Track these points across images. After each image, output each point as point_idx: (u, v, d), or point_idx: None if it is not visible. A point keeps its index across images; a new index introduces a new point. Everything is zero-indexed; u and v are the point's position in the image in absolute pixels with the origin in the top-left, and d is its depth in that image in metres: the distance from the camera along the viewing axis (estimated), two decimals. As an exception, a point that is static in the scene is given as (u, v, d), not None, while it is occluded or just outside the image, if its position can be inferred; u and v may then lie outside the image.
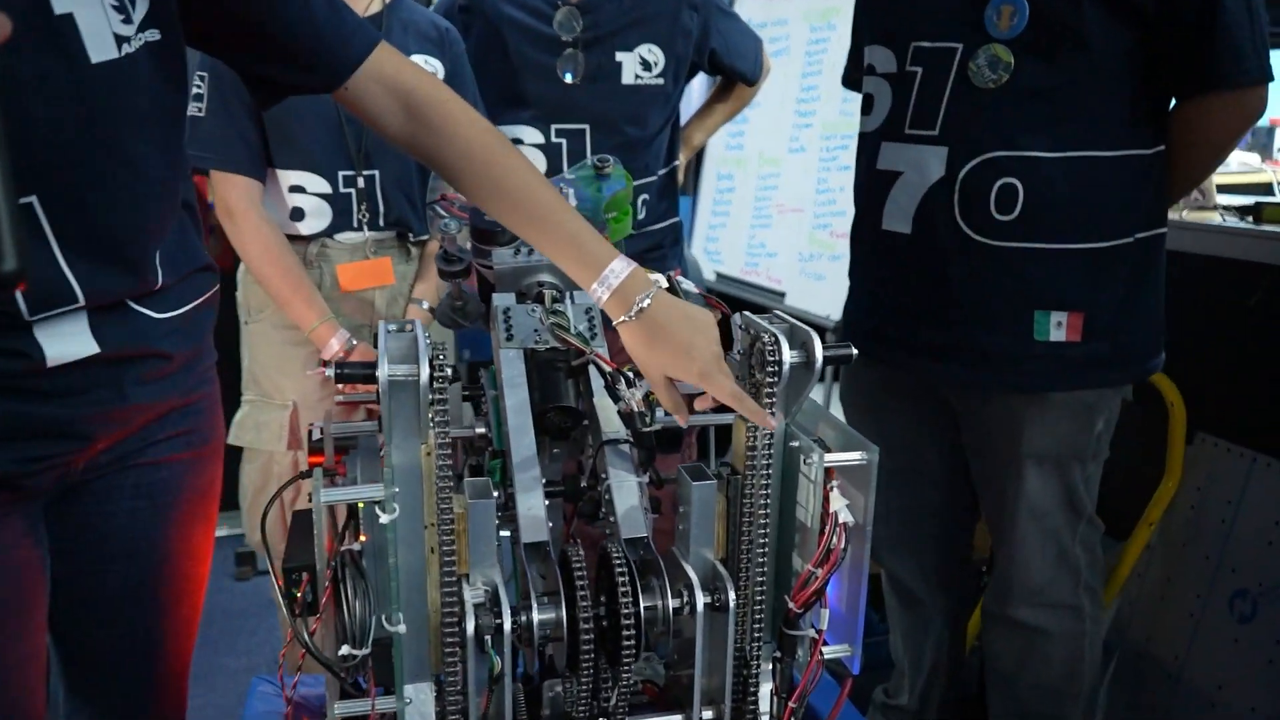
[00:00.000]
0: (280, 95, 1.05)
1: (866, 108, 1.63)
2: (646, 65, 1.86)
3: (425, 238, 1.87)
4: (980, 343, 1.53)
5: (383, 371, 0.90)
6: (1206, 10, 1.38)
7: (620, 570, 1.00)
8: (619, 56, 1.84)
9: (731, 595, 1.04)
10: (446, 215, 1.31)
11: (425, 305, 1.84)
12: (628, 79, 1.86)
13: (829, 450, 1.03)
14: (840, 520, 1.01)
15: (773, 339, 1.00)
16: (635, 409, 1.12)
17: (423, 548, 1.00)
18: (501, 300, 1.26)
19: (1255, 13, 1.41)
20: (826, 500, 1.02)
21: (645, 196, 1.92)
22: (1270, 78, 1.44)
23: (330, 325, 1.74)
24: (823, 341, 1.01)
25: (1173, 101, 1.49)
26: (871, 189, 1.61)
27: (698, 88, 2.62)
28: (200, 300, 1.10)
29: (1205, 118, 1.46)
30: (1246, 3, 1.40)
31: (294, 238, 1.78)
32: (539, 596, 1.01)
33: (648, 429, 1.11)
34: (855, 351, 1.03)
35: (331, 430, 1.09)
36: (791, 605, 1.03)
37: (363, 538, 0.95)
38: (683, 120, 2.13)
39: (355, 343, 1.75)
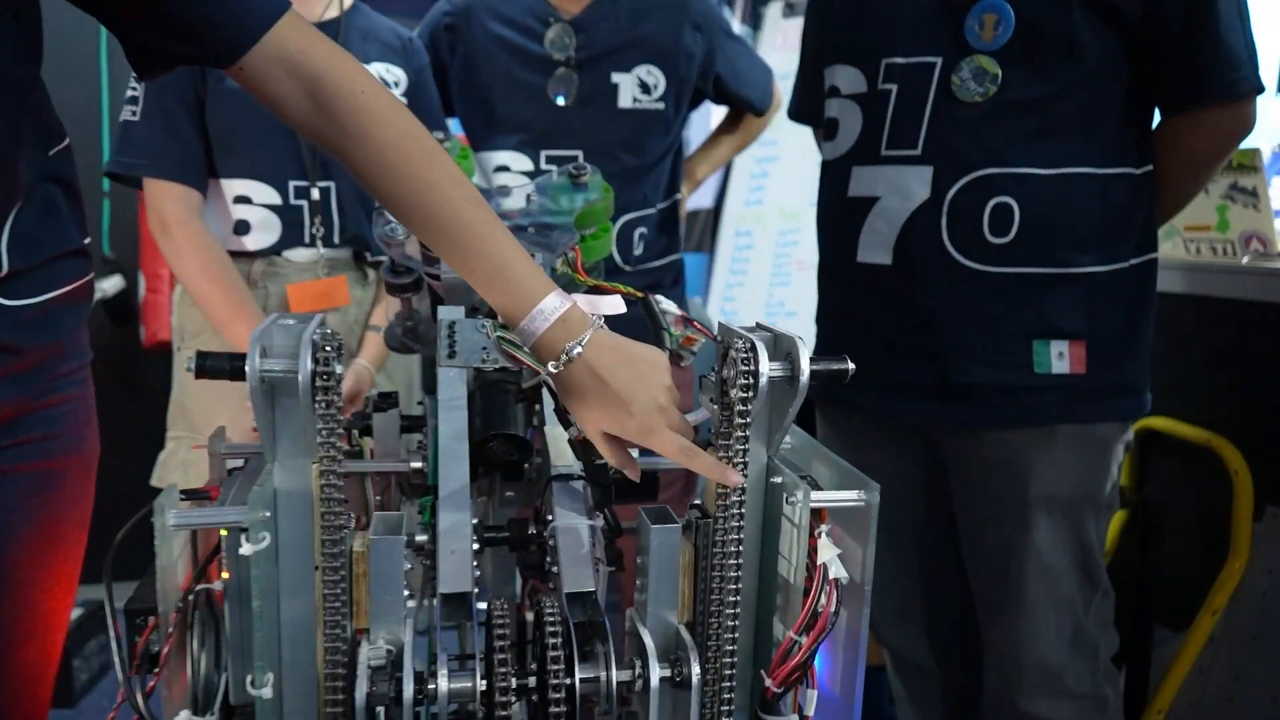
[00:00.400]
0: (165, 66, 0.90)
1: (830, 133, 1.51)
2: (645, 88, 1.72)
3: (384, 259, 1.71)
4: (975, 378, 1.39)
5: (252, 365, 0.73)
6: (1196, 18, 1.29)
7: (553, 631, 0.81)
8: (615, 78, 1.71)
9: (696, 668, 0.83)
10: (393, 220, 1.15)
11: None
12: (625, 102, 1.71)
13: (818, 488, 0.83)
14: (830, 575, 0.81)
15: (747, 347, 0.81)
16: (586, 437, 0.93)
17: (314, 594, 0.81)
18: (448, 314, 1.09)
19: (1246, 20, 1.32)
20: (813, 550, 0.82)
21: (643, 230, 1.76)
22: (1262, 89, 1.34)
23: None
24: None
25: (1156, 120, 1.41)
26: (842, 219, 1.48)
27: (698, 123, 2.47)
28: (64, 289, 0.94)
29: (1194, 133, 1.37)
30: (1238, 10, 1.31)
31: (238, 254, 1.62)
32: (452, 660, 0.82)
33: (602, 462, 0.93)
34: (852, 366, 0.84)
35: (221, 448, 0.91)
36: (769, 683, 0.83)
37: (224, 575, 0.76)
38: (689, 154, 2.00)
39: None
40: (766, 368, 0.81)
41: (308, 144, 1.59)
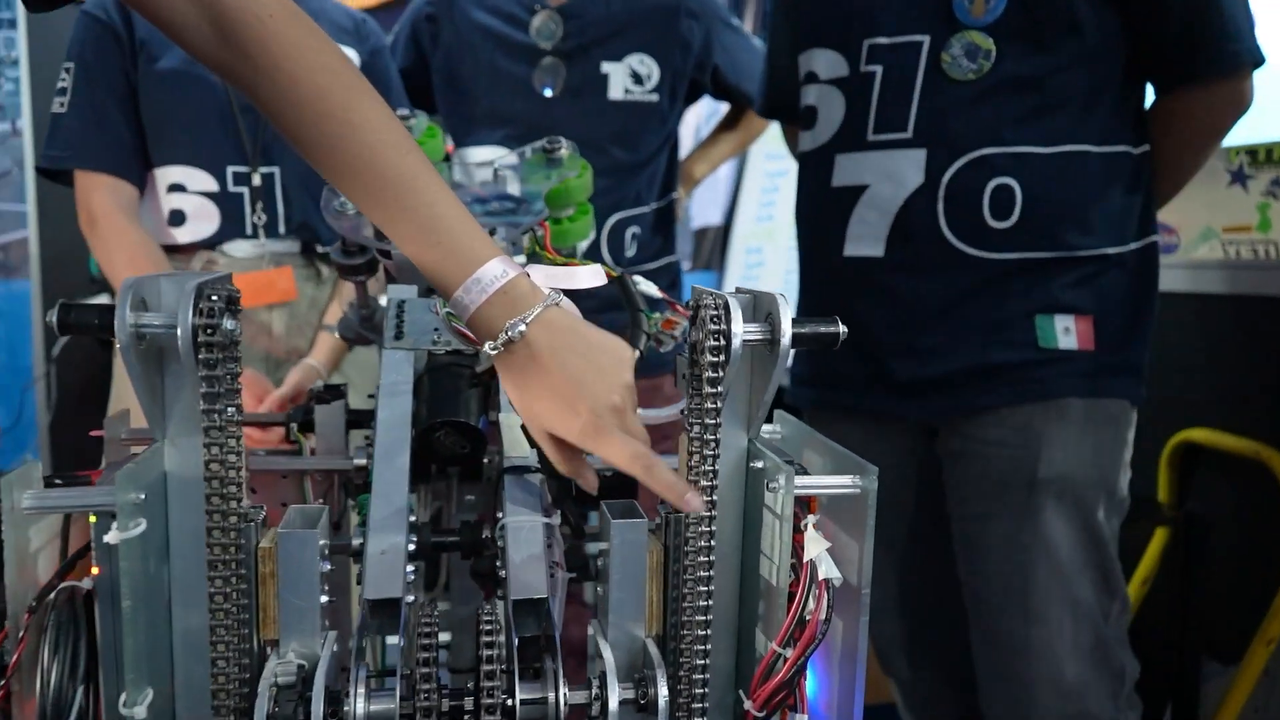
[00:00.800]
0: None
1: (809, 122, 1.42)
2: (638, 78, 1.62)
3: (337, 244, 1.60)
4: (978, 360, 1.30)
5: (122, 318, 0.61)
6: None
7: (489, 642, 0.68)
8: (605, 67, 1.61)
9: (663, 689, 0.70)
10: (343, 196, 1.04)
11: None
12: (616, 93, 1.61)
13: (804, 473, 0.70)
14: (820, 575, 0.68)
15: (719, 305, 0.69)
16: (544, 421, 0.81)
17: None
18: (397, 292, 0.98)
19: None
20: (799, 545, 0.69)
21: (636, 230, 1.64)
22: (1263, 60, 1.27)
23: None
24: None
25: (1149, 99, 1.35)
26: (827, 211, 1.39)
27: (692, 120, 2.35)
28: None
29: (1194, 110, 1.30)
30: None
31: (173, 249, 1.51)
32: (373, 678, 0.69)
33: (559, 449, 0.80)
34: (843, 329, 0.72)
35: (122, 433, 0.80)
36: (749, 705, 0.69)
37: (94, 570, 0.64)
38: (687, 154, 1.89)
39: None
40: (741, 328, 0.69)
41: (249, 127, 1.50)
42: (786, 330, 0.69)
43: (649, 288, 1.04)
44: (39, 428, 2.84)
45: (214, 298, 0.62)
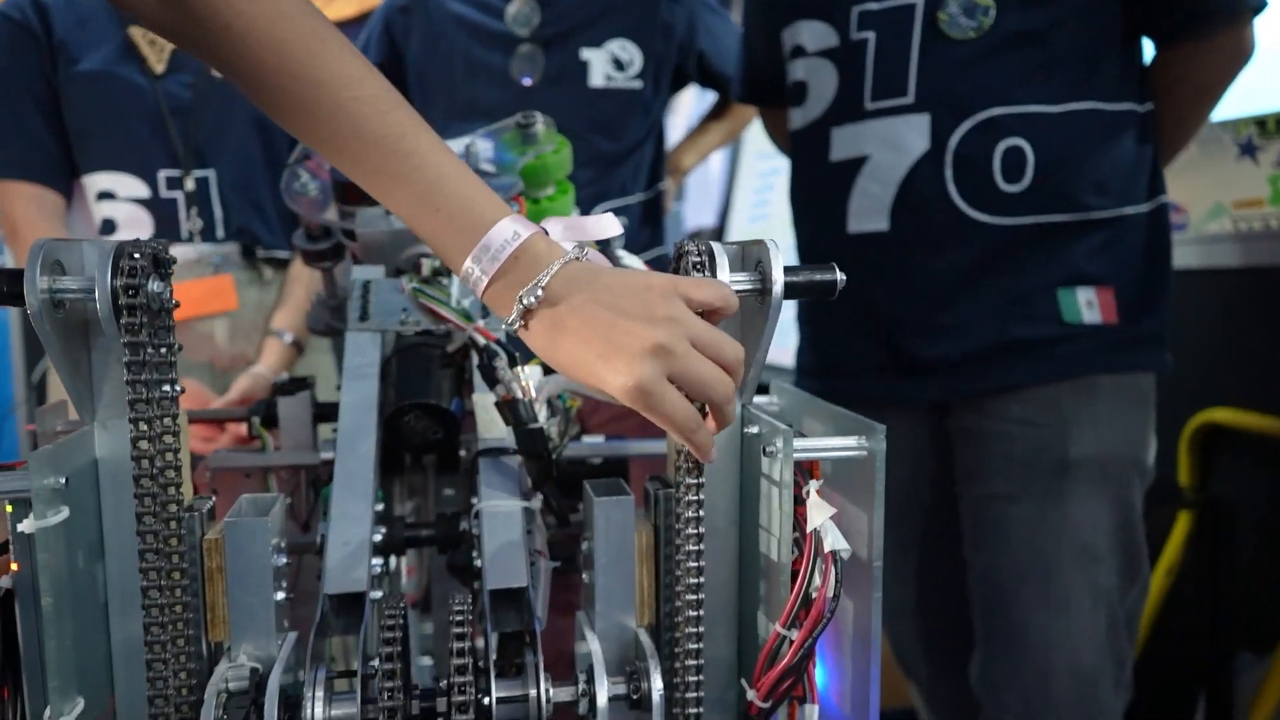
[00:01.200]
0: None
1: (798, 98, 1.34)
2: (619, 64, 1.56)
3: (281, 254, 1.53)
4: (998, 338, 1.23)
5: (32, 281, 0.55)
6: None
7: (460, 634, 0.61)
8: (585, 54, 1.55)
9: (657, 682, 0.63)
10: (306, 175, 0.98)
11: (289, 338, 1.49)
12: (597, 80, 1.55)
13: (803, 435, 0.64)
14: (825, 547, 0.61)
15: (702, 251, 0.63)
16: (520, 396, 0.75)
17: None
18: (363, 273, 0.92)
19: None
20: (801, 516, 0.62)
21: (623, 221, 1.58)
22: (1264, 5, 1.20)
23: None
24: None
25: (1149, 55, 1.28)
26: (825, 188, 1.31)
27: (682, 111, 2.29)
28: None
29: (1196, 63, 1.24)
30: None
31: None
32: (332, 678, 0.62)
33: (534, 425, 0.74)
34: (841, 276, 0.65)
35: (57, 425, 0.73)
36: (752, 695, 0.62)
37: (13, 566, 0.57)
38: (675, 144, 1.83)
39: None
40: (728, 276, 0.63)
41: (180, 129, 1.44)
42: (778, 278, 0.63)
43: (633, 260, 0.98)
44: (21, 457, 2.77)
45: (137, 256, 0.56)
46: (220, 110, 1.46)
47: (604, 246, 0.92)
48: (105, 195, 1.43)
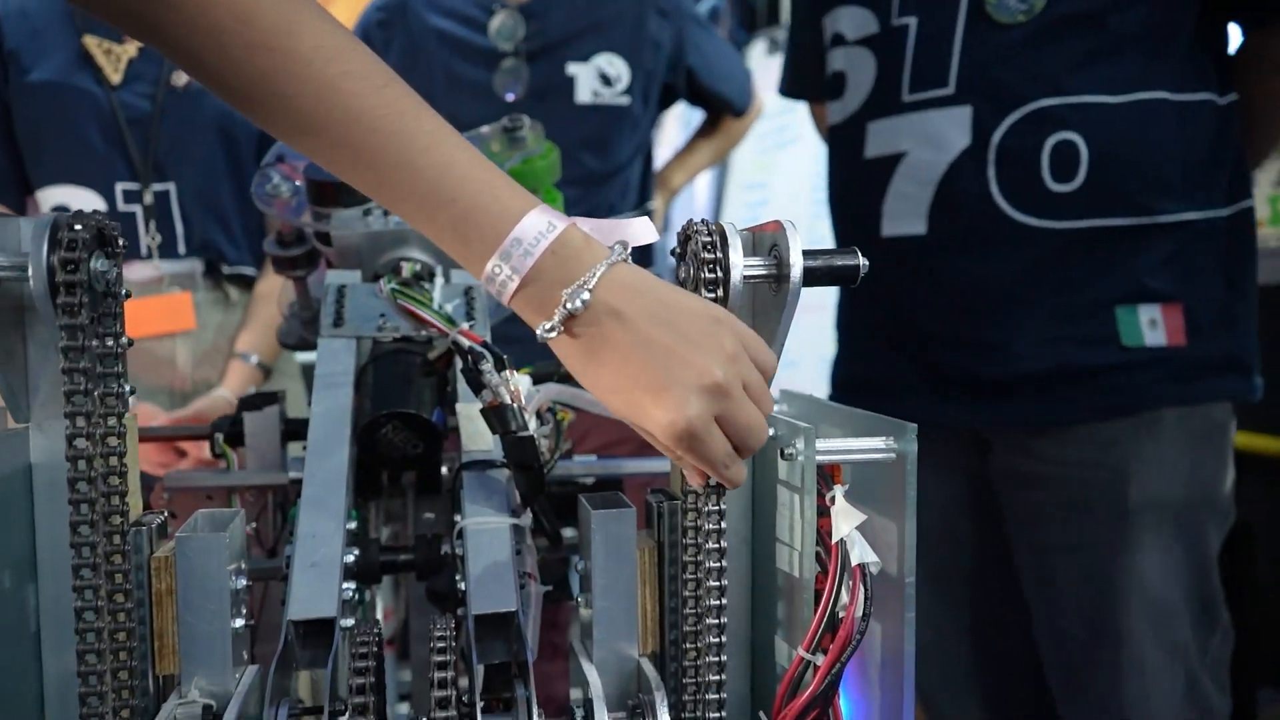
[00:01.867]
0: None
1: (836, 90, 1.26)
2: (606, 80, 1.52)
3: (247, 272, 1.46)
4: (1046, 362, 1.11)
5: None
6: None
7: (441, 663, 0.54)
8: (571, 69, 1.50)
9: (664, 717, 0.56)
10: (278, 177, 0.92)
11: (254, 360, 1.42)
12: (583, 96, 1.51)
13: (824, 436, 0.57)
14: (853, 559, 0.54)
15: (713, 233, 0.57)
16: (509, 401, 0.68)
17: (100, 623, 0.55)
18: (337, 278, 0.85)
19: None
20: (824, 527, 0.56)
21: (610, 242, 1.53)
22: None
23: None
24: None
25: (1236, 43, 1.16)
26: (860, 187, 1.22)
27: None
28: None
29: None
30: None
31: None
32: (297, 715, 0.55)
33: (524, 433, 0.67)
34: (864, 261, 0.59)
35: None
36: (773, 730, 0.55)
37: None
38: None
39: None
40: (740, 259, 0.57)
41: (139, 140, 1.38)
42: (796, 262, 0.56)
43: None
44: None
45: (78, 228, 0.49)
46: (181, 121, 1.40)
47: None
48: (60, 210, 1.36)
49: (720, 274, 0.56)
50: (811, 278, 0.58)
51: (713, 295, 0.56)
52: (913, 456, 0.56)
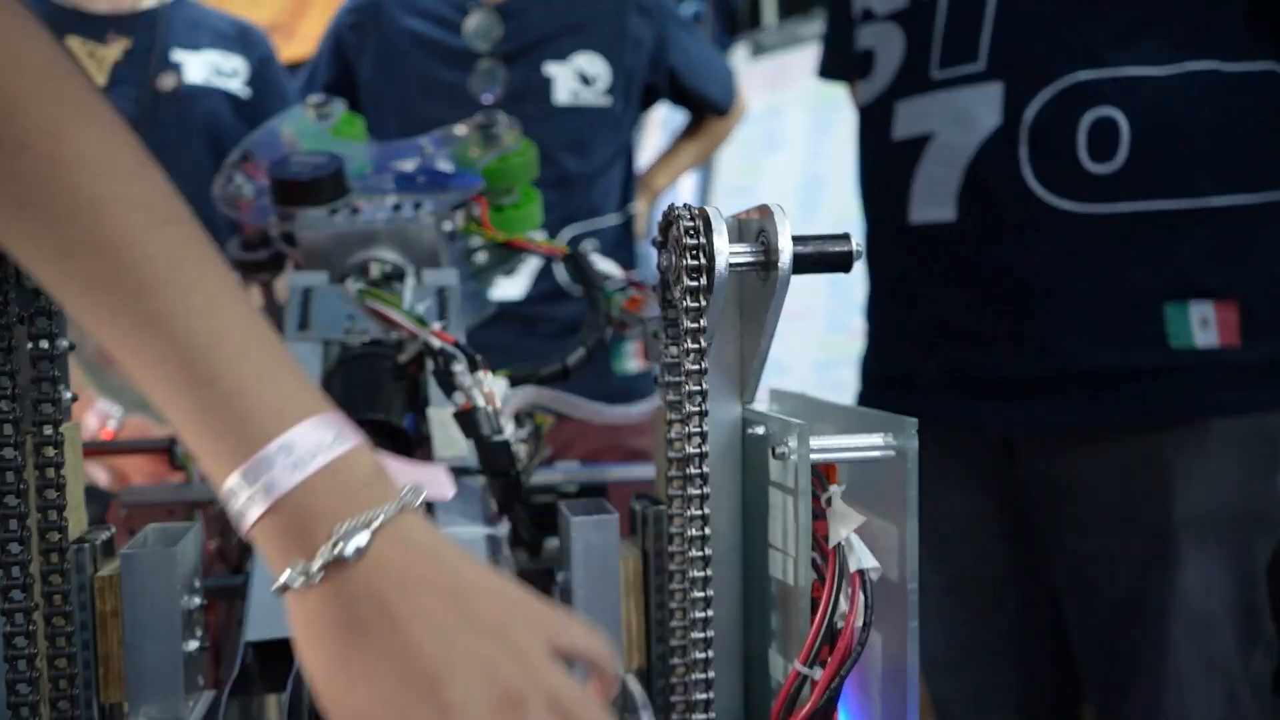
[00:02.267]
0: None
1: (864, 69, 1.20)
2: (586, 80, 1.48)
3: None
4: (1084, 362, 1.03)
5: None
6: None
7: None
8: (549, 69, 1.47)
9: (651, 738, 0.52)
10: (241, 177, 0.88)
11: None
12: (562, 97, 1.47)
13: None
14: (852, 565, 0.51)
15: (695, 215, 0.53)
16: (482, 404, 0.64)
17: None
18: (302, 280, 0.81)
19: None
20: (822, 533, 0.52)
21: (594, 245, 1.49)
22: None
23: (82, 392, 1.25)
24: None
25: None
26: (888, 171, 1.16)
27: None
28: None
29: None
30: None
31: None
32: (254, 745, 0.51)
33: (498, 438, 0.63)
34: (858, 246, 0.56)
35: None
36: (768, 750, 0.51)
37: None
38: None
39: (118, 416, 1.25)
40: (726, 245, 0.53)
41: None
42: (785, 248, 0.53)
43: (609, 266, 0.88)
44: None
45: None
46: (167, 125, 1.38)
47: (578, 258, 0.82)
48: None
49: (704, 260, 0.52)
50: (802, 264, 0.54)
51: (696, 284, 0.52)
52: (913, 454, 0.53)
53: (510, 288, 1.50)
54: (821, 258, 0.55)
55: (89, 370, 1.32)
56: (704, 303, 0.52)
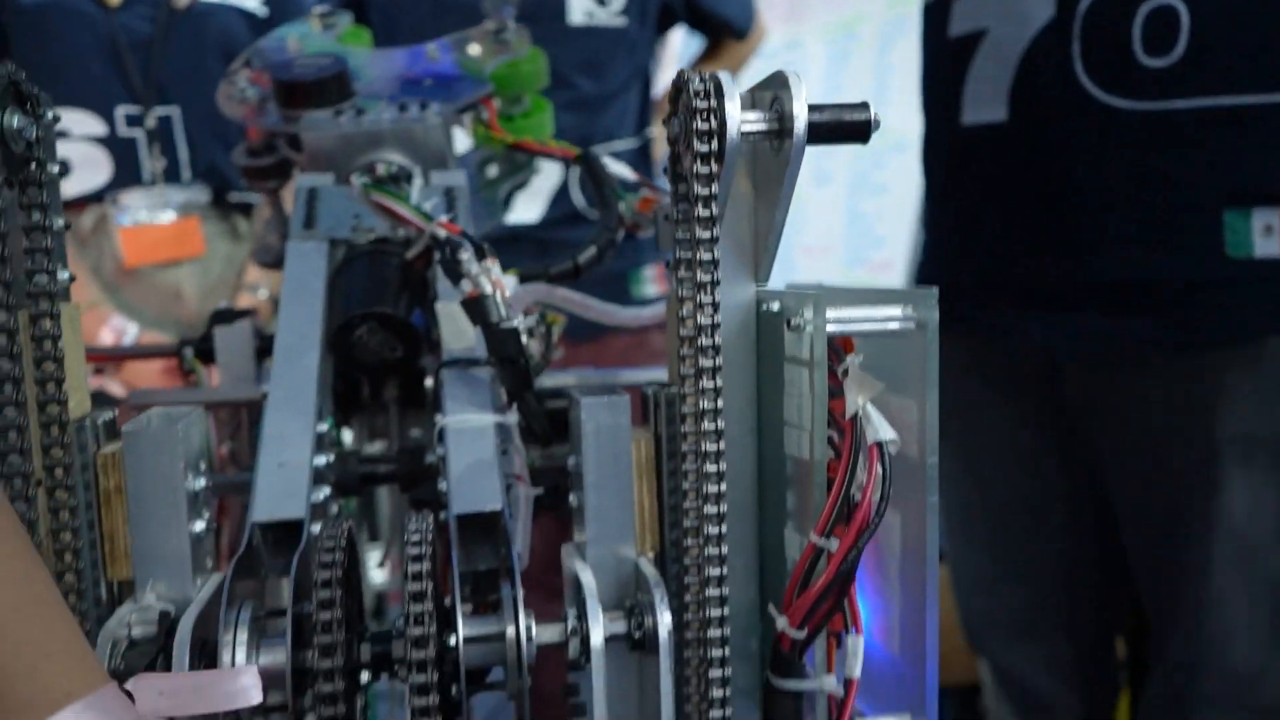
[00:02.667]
0: None
1: None
2: (601, 0, 1.45)
3: (255, 200, 1.40)
4: (1135, 271, 0.98)
5: None
6: None
7: (415, 555, 0.49)
8: (564, -12, 1.44)
9: (664, 616, 0.51)
10: (244, 81, 0.86)
11: (263, 293, 1.37)
12: (577, 18, 1.44)
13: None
14: (869, 438, 0.49)
15: (709, 83, 0.51)
16: (489, 291, 0.63)
17: (40, 524, 0.50)
18: (307, 181, 0.80)
19: None
20: (838, 411, 0.51)
21: (609, 170, 1.47)
22: None
23: (97, 309, 1.25)
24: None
25: None
26: (944, 71, 1.12)
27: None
28: None
29: None
30: None
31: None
32: (260, 618, 0.50)
33: (506, 324, 0.62)
34: (875, 116, 0.53)
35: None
36: (783, 624, 0.50)
37: None
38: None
39: (133, 333, 1.25)
40: (738, 110, 0.51)
41: (140, 63, 1.34)
42: (799, 114, 0.50)
43: (621, 169, 0.86)
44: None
45: None
46: (184, 43, 1.36)
47: (589, 158, 0.80)
48: (58, 134, 1.32)
49: (715, 124, 0.50)
50: (817, 133, 0.52)
51: (706, 149, 0.50)
52: (933, 325, 0.51)
53: (526, 211, 1.49)
54: (838, 126, 0.53)
55: (106, 288, 1.33)
56: (714, 168, 0.50)
